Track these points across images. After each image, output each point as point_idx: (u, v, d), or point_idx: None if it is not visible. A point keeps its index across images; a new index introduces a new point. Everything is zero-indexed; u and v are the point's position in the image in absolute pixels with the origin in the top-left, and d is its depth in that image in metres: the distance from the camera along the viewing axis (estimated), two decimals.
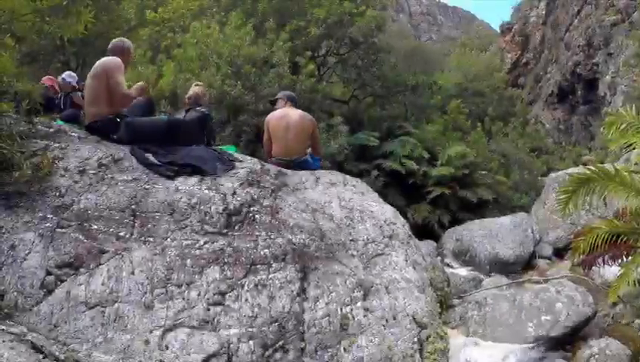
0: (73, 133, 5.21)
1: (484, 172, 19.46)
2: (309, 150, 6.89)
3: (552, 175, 14.17)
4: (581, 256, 5.98)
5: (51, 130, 5.10)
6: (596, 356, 4.75)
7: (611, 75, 29.85)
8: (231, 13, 17.53)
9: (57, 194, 4.35)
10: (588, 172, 5.80)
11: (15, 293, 3.68)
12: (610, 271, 6.31)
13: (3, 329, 3.49)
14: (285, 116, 6.75)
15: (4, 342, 3.39)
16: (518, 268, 10.44)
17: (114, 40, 5.98)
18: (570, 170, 11.54)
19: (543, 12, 45.02)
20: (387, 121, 20.40)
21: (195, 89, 6.69)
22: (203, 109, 6.39)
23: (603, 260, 5.69)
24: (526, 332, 5.25)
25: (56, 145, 4.85)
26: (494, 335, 5.27)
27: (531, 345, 5.14)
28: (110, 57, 5.54)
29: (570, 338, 5.35)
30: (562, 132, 36.51)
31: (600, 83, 31.37)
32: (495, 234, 11.03)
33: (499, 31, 53.41)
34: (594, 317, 5.62)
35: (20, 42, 5.34)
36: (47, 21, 4.70)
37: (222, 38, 15.55)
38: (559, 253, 10.88)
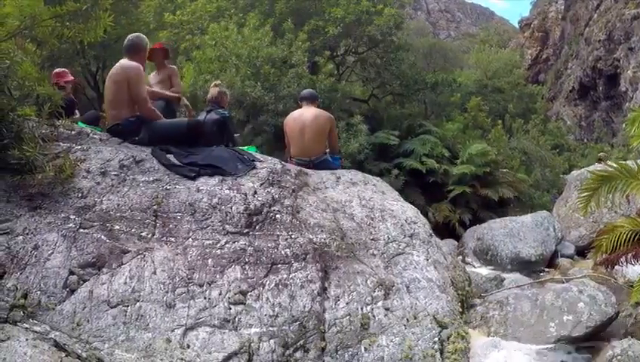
0: (95, 136, 5.27)
1: (505, 170, 19.39)
2: (328, 149, 6.89)
3: (574, 173, 14.06)
4: (603, 255, 5.91)
5: (73, 132, 5.15)
6: (618, 357, 4.66)
7: (632, 69, 29.50)
8: (249, 14, 17.62)
9: (80, 195, 4.40)
10: (610, 169, 5.73)
11: (38, 293, 3.72)
12: (633, 270, 6.22)
13: (26, 328, 3.53)
14: (300, 117, 6.77)
15: (27, 340, 3.44)
16: (540, 267, 10.36)
17: (130, 37, 5.82)
18: (592, 168, 11.41)
19: (562, 7, 44.63)
20: (407, 120, 20.39)
21: (214, 90, 6.72)
22: (223, 111, 6.42)
23: (626, 259, 5.61)
24: (548, 332, 5.19)
25: (78, 147, 4.90)
26: (516, 335, 5.21)
27: (553, 345, 5.09)
28: (131, 64, 5.43)
29: (593, 339, 5.29)
30: (584, 129, 36.19)
31: (621, 78, 31.00)
32: (516, 232, 10.95)
33: (518, 27, 53.04)
34: (616, 318, 5.53)
35: (41, 47, 5.40)
36: (67, 26, 4.75)
37: (240, 39, 15.65)
38: (581, 251, 10.77)
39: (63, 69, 8.19)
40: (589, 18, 37.25)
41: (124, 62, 5.48)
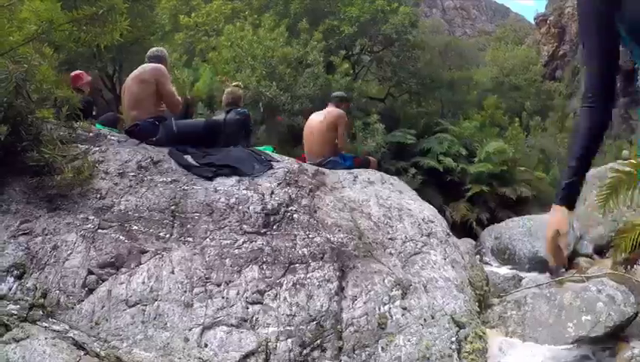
0: (113, 137, 5.31)
1: (522, 168, 19.21)
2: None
3: (593, 171, 13.85)
4: (623, 254, 5.84)
5: (91, 134, 5.20)
6: (637, 358, 4.60)
7: None
8: (264, 14, 17.66)
9: (98, 196, 4.44)
10: (629, 167, 5.67)
11: (57, 292, 3.76)
12: None
13: (46, 327, 3.57)
14: (312, 120, 6.86)
15: (46, 339, 3.48)
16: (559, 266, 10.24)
17: (153, 49, 6.20)
18: (611, 165, 11.27)
19: None
20: (424, 118, 20.34)
21: (234, 90, 6.75)
22: (243, 109, 6.46)
23: None
24: (566, 332, 5.13)
25: (97, 148, 4.95)
26: (534, 336, 5.16)
27: (571, 345, 5.03)
28: (158, 65, 5.73)
29: (611, 339, 5.22)
30: None
31: (639, 74, 30.60)
32: (535, 231, 10.83)
33: (534, 23, 52.50)
34: (635, 318, 5.46)
35: (58, 50, 5.47)
36: (84, 30, 4.79)
37: (256, 40, 15.69)
38: (600, 250, 10.63)
39: (79, 72, 8.24)
40: None
41: (152, 65, 5.73)
